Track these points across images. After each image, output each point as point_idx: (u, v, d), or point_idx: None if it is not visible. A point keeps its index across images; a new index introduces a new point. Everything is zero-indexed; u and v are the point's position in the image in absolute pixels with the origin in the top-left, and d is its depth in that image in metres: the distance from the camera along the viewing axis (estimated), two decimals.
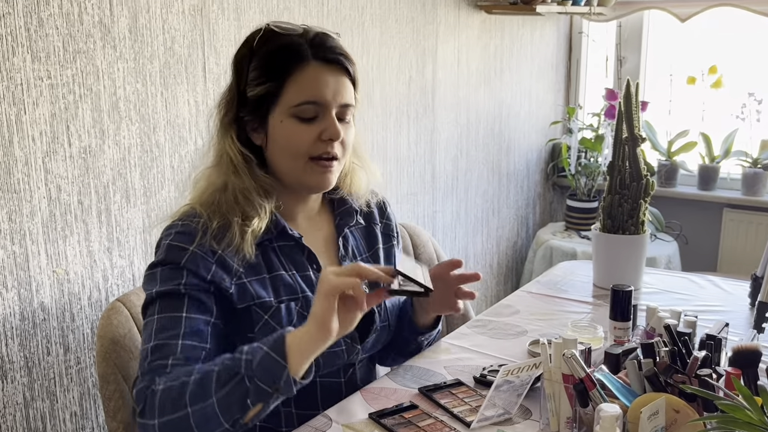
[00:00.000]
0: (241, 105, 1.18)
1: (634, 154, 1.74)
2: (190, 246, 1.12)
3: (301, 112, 1.15)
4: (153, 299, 1.12)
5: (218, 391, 1.00)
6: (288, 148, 1.16)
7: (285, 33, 1.16)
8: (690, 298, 1.74)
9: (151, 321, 1.11)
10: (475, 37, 2.85)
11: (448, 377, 1.32)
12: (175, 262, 1.12)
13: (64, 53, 1.46)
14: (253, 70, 1.16)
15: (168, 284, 1.11)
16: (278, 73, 1.15)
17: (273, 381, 0.99)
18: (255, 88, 1.16)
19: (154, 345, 1.08)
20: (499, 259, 3.28)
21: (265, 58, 1.15)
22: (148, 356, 1.08)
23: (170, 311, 1.10)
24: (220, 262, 1.13)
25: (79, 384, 1.58)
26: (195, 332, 1.10)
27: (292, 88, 1.14)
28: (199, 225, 1.14)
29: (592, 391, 1.02)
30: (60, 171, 1.49)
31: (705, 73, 3.16)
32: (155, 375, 1.06)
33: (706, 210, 3.31)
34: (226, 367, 1.01)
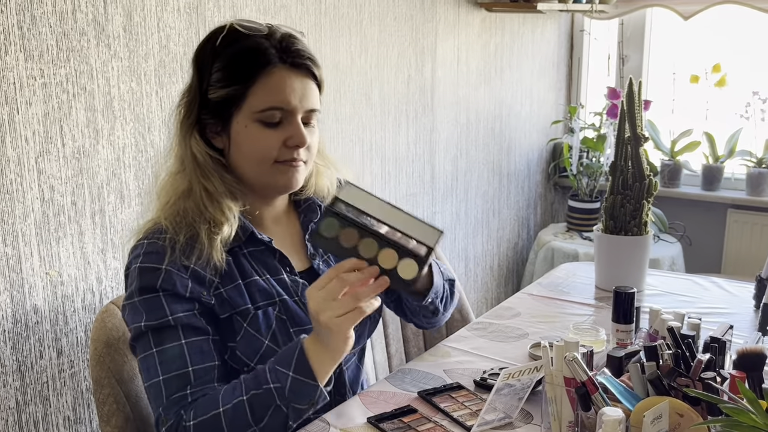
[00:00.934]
0: (202, 107, 1.16)
1: (636, 153, 1.75)
2: (161, 265, 1.12)
3: (267, 118, 1.14)
4: (143, 333, 1.12)
5: (258, 422, 1.05)
6: (253, 154, 1.15)
7: (250, 33, 1.14)
8: (694, 300, 1.74)
9: (151, 355, 1.10)
10: (475, 35, 2.85)
11: (448, 380, 1.32)
12: (150, 286, 1.11)
13: (57, 52, 1.46)
14: (216, 71, 1.14)
15: (154, 316, 1.11)
16: (243, 76, 1.13)
17: (309, 401, 1.06)
18: (218, 91, 1.14)
19: (166, 379, 1.09)
20: (499, 260, 3.28)
21: (230, 60, 1.14)
22: (162, 391, 1.08)
23: (168, 342, 1.10)
24: (194, 277, 1.13)
25: (73, 388, 1.58)
26: (200, 354, 1.11)
27: (258, 92, 1.13)
28: (166, 242, 1.13)
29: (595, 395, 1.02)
30: (53, 171, 1.49)
31: (708, 72, 3.16)
32: (180, 409, 1.07)
33: (710, 211, 3.31)
34: (257, 398, 1.05)
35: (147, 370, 1.11)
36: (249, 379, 1.08)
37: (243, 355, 1.16)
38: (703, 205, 3.31)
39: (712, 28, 3.28)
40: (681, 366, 1.08)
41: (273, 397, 1.05)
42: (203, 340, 1.12)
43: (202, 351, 1.11)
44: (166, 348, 1.10)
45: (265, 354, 1.15)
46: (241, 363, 1.17)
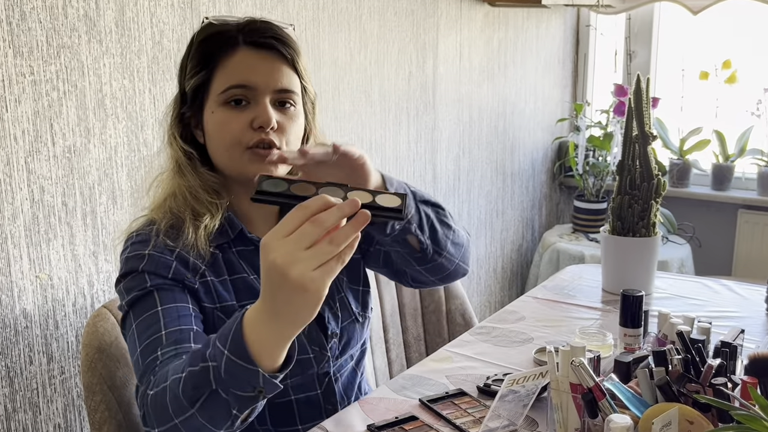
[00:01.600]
0: (183, 102, 1.19)
1: (644, 152, 1.75)
2: (145, 250, 1.13)
3: (229, 97, 1.13)
4: (126, 312, 1.12)
5: (194, 404, 0.89)
6: (220, 139, 1.15)
7: (217, 25, 1.17)
8: (704, 303, 1.74)
9: (132, 333, 1.09)
10: (478, 31, 2.85)
11: (450, 387, 1.32)
12: (133, 269, 1.12)
13: (47, 48, 1.46)
14: (189, 62, 1.17)
15: (134, 291, 1.11)
16: (208, 61, 1.15)
17: (251, 386, 0.86)
18: (190, 81, 1.17)
19: (142, 348, 1.06)
20: (503, 262, 3.28)
21: (198, 48, 1.17)
22: (139, 361, 1.06)
23: (145, 312, 1.09)
24: (180, 259, 1.13)
25: (63, 395, 1.58)
26: (176, 318, 1.08)
27: (221, 74, 1.14)
28: (152, 231, 1.15)
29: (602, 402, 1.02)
30: (43, 171, 1.49)
31: (718, 68, 3.17)
32: (150, 375, 1.01)
33: (721, 211, 3.31)
34: (192, 377, 0.89)
35: (131, 351, 1.09)
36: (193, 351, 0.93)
37: None
38: (713, 205, 3.31)
39: (722, 22, 3.28)
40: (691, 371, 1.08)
41: (208, 380, 0.87)
42: (182, 306, 1.09)
43: (180, 316, 1.08)
44: (144, 318, 1.08)
45: None
46: None
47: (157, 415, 0.94)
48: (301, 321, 0.82)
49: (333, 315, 1.26)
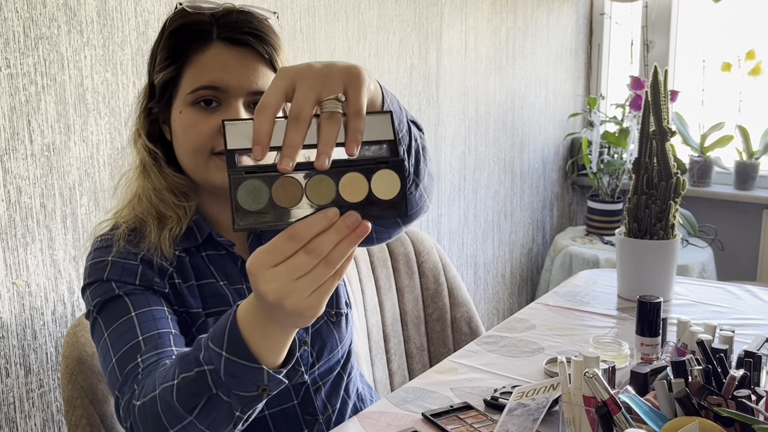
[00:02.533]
0: (151, 96, 1.17)
1: (662, 149, 1.75)
2: (107, 257, 1.13)
3: (198, 98, 1.11)
4: (95, 319, 1.11)
5: (192, 412, 0.89)
6: (187, 142, 1.13)
7: (194, 12, 1.14)
8: (726, 310, 1.74)
9: (104, 342, 1.08)
10: (485, 20, 2.85)
11: (455, 400, 1.32)
12: (98, 278, 1.12)
13: (24, 39, 1.46)
14: (159, 53, 1.15)
15: (101, 297, 1.10)
16: (178, 55, 1.12)
17: (255, 385, 0.86)
18: (159, 74, 1.14)
19: (118, 358, 1.04)
20: (512, 267, 3.28)
21: (168, 40, 1.14)
22: (117, 373, 1.04)
23: (117, 319, 1.08)
24: (145, 262, 1.12)
25: (42, 409, 1.58)
26: (152, 321, 1.07)
27: (191, 72, 1.12)
28: (116, 236, 1.15)
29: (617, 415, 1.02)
30: (20, 171, 1.49)
31: (742, 59, 3.17)
32: (133, 383, 1.00)
33: (744, 212, 3.31)
34: (187, 382, 0.88)
35: (103, 359, 1.09)
36: (182, 356, 0.91)
37: None
38: (737, 205, 3.31)
39: (745, 10, 3.28)
40: (712, 383, 1.07)
41: (207, 384, 0.86)
42: (156, 309, 1.09)
43: (155, 318, 1.07)
44: (116, 326, 1.07)
45: None
46: None
47: (148, 427, 0.93)
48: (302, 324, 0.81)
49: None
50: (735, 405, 1.02)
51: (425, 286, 1.89)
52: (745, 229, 3.32)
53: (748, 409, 1.00)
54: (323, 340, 1.26)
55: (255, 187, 0.75)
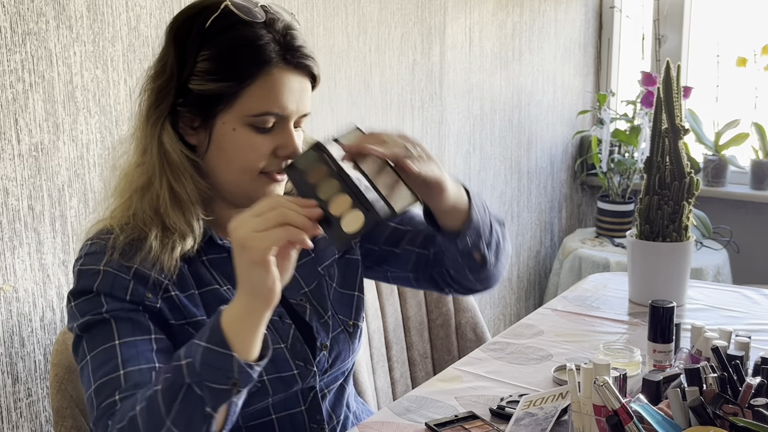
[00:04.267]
0: (179, 94, 1.14)
1: (675, 148, 1.74)
2: (99, 265, 1.12)
3: (260, 123, 1.13)
4: (79, 337, 1.11)
5: (169, 413, 0.96)
6: (238, 161, 1.14)
7: (247, 20, 1.12)
8: (742, 315, 1.74)
9: (85, 364, 1.09)
10: (490, 14, 2.85)
11: (460, 409, 1.32)
12: (87, 288, 1.11)
13: (11, 35, 1.47)
14: (204, 59, 1.12)
15: (88, 314, 1.10)
16: (239, 74, 1.11)
17: (226, 376, 0.95)
18: (205, 84, 1.12)
19: (96, 387, 1.06)
20: (519, 271, 3.28)
21: (223, 52, 1.12)
22: (93, 402, 1.06)
23: (101, 344, 1.09)
24: (137, 277, 1.12)
25: (30, 419, 1.58)
26: (135, 355, 1.08)
27: (254, 94, 1.12)
28: (109, 241, 1.13)
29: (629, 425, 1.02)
30: (7, 171, 1.49)
31: (757, 54, 3.16)
32: (107, 419, 1.03)
33: (761, 213, 3.30)
34: (167, 382, 0.97)
35: (82, 381, 1.09)
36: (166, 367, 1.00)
37: None
38: (753, 206, 3.30)
39: (760, 3, 3.27)
40: (728, 391, 1.07)
41: (183, 376, 0.96)
42: (142, 340, 1.10)
43: (139, 352, 1.08)
44: (98, 352, 1.08)
45: None
46: None
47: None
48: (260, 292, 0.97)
49: (323, 325, 1.26)
50: (752, 414, 1.02)
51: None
52: (761, 231, 3.32)
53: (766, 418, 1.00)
54: (339, 348, 1.28)
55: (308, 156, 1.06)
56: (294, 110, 1.15)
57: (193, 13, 1.14)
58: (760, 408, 1.01)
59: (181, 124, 1.16)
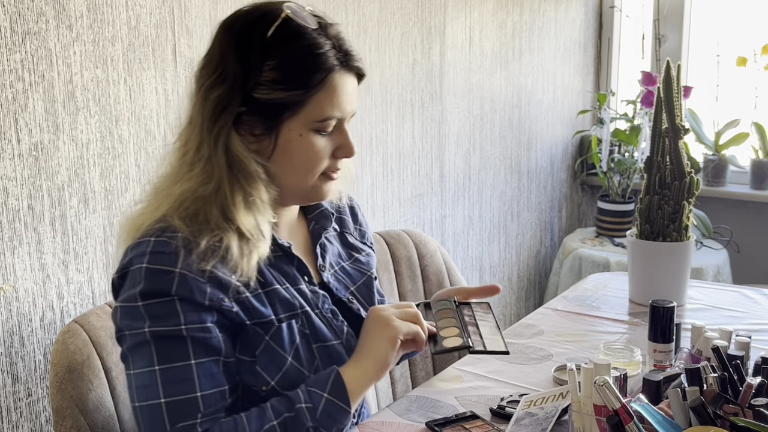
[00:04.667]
0: (243, 102, 1.16)
1: (675, 147, 1.74)
2: (174, 267, 1.11)
3: (324, 127, 1.19)
4: (144, 342, 1.11)
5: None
6: (304, 164, 1.20)
7: (307, 30, 1.16)
8: (742, 315, 1.74)
9: (151, 372, 1.10)
10: (490, 13, 2.85)
11: (460, 409, 1.32)
12: (163, 291, 1.10)
13: (11, 35, 1.47)
14: (270, 69, 1.14)
15: (163, 324, 1.10)
16: (304, 82, 1.15)
17: (338, 427, 1.15)
18: (271, 93, 1.15)
19: (170, 402, 1.09)
20: (519, 270, 3.28)
21: (288, 62, 1.15)
22: (164, 415, 1.09)
23: (175, 360, 1.10)
24: (213, 280, 1.12)
25: (30, 419, 1.58)
26: (209, 377, 1.12)
27: (319, 100, 1.16)
28: (179, 241, 1.12)
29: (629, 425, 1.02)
30: (7, 171, 1.49)
31: (758, 53, 3.16)
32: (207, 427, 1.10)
33: (761, 212, 3.30)
34: (289, 421, 1.13)
35: (143, 388, 1.11)
36: (279, 403, 1.14)
37: (264, 372, 1.17)
38: (753, 206, 3.30)
39: (760, 3, 3.27)
40: (728, 391, 1.07)
41: (306, 419, 1.12)
42: (213, 361, 1.13)
43: (212, 374, 1.13)
44: (173, 367, 1.10)
45: (288, 372, 1.18)
46: (261, 381, 1.18)
47: None
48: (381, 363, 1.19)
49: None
50: (752, 414, 1.02)
51: (429, 290, 1.89)
52: (761, 231, 3.32)
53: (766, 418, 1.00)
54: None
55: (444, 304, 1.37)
56: (350, 111, 1.22)
57: (252, 21, 1.17)
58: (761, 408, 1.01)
59: (242, 131, 1.17)
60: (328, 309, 1.26)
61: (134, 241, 1.16)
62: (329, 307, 1.27)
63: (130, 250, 1.16)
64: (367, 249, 1.43)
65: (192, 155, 1.17)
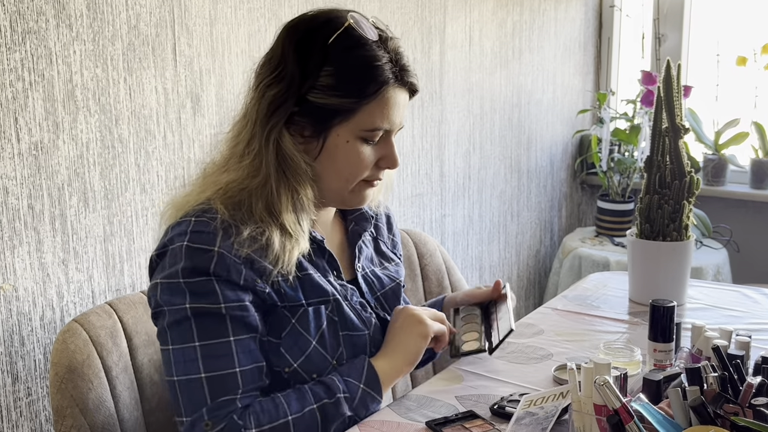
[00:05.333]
0: (297, 102, 1.20)
1: (675, 147, 1.74)
2: (213, 246, 1.15)
3: (371, 137, 1.23)
4: (184, 318, 1.15)
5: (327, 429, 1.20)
6: (347, 170, 1.24)
7: (367, 41, 1.20)
8: (742, 314, 1.74)
9: (191, 348, 1.15)
10: (490, 13, 2.85)
11: (460, 408, 1.32)
12: (201, 268, 1.15)
13: (11, 34, 1.47)
14: (327, 75, 1.19)
15: (203, 301, 1.15)
16: (359, 91, 1.20)
17: (367, 414, 1.24)
18: (326, 98, 1.19)
19: (210, 377, 1.14)
20: (519, 270, 3.28)
21: (346, 70, 1.19)
22: (204, 390, 1.13)
23: (214, 336, 1.15)
24: (248, 263, 1.17)
25: (30, 419, 1.58)
26: (248, 354, 1.17)
27: (371, 110, 1.21)
28: (217, 222, 1.17)
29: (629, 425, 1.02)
30: (7, 170, 1.49)
31: (757, 53, 3.16)
32: (230, 413, 1.13)
33: (761, 212, 3.30)
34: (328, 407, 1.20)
35: (183, 363, 1.15)
36: (318, 388, 1.21)
37: (287, 353, 1.22)
38: (753, 205, 3.30)
39: (760, 2, 3.27)
40: (728, 391, 1.07)
41: (344, 407, 1.20)
42: (251, 338, 1.18)
43: (250, 350, 1.18)
44: (212, 343, 1.15)
45: (311, 356, 1.23)
46: (284, 362, 1.23)
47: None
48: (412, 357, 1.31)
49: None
50: (752, 414, 1.02)
51: (428, 290, 1.89)
52: (761, 230, 3.32)
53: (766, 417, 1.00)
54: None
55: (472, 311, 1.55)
56: (398, 124, 1.27)
57: (316, 26, 1.22)
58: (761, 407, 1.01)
59: (292, 131, 1.22)
60: (357, 301, 1.32)
61: (176, 221, 1.21)
62: (358, 299, 1.32)
63: (170, 229, 1.21)
64: (396, 259, 1.49)
65: (242, 147, 1.22)
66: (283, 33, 1.24)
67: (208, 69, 1.84)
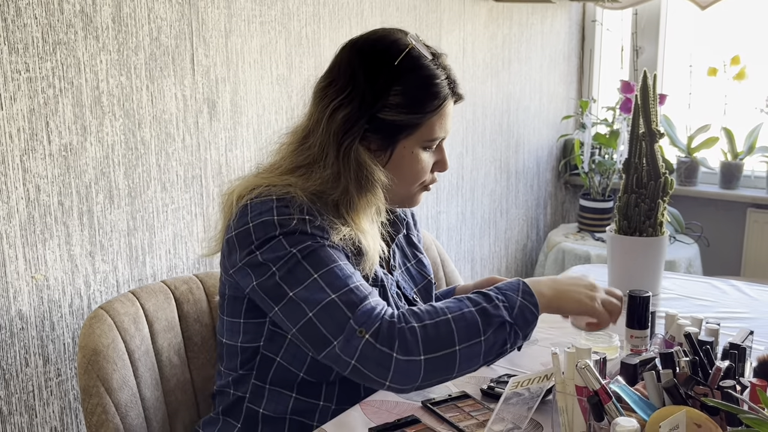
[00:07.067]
0: (368, 119, 1.22)
1: (651, 150, 1.74)
2: (300, 215, 1.16)
3: (431, 146, 1.28)
4: (297, 262, 1.13)
5: (486, 333, 1.12)
6: (411, 177, 1.28)
7: (426, 60, 1.24)
8: (712, 304, 1.74)
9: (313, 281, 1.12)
10: (482, 27, 2.85)
11: (453, 389, 1.32)
12: (296, 230, 1.15)
13: (43, 44, 1.46)
14: (396, 94, 1.21)
15: (305, 243, 1.14)
16: (423, 108, 1.23)
17: (526, 331, 1.16)
18: (395, 115, 1.22)
19: (342, 294, 1.11)
20: (507, 262, 3.28)
21: (412, 89, 1.22)
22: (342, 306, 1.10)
23: (327, 264, 1.14)
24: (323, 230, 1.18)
25: (60, 397, 1.58)
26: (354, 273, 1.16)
27: (433, 123, 1.25)
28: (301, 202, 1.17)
29: (608, 404, 1.02)
30: (39, 170, 1.49)
31: (727, 64, 3.16)
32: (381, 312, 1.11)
33: (729, 210, 3.30)
34: (488, 312, 1.13)
35: (312, 297, 1.12)
36: (476, 296, 1.16)
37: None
38: (722, 204, 3.30)
39: (730, 17, 3.27)
40: (699, 374, 1.07)
41: (503, 313, 1.13)
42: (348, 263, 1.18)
43: (354, 272, 1.17)
44: (328, 269, 1.13)
45: None
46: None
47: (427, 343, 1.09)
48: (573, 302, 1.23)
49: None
50: (721, 395, 1.02)
51: None
52: (729, 227, 3.32)
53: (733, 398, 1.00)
54: None
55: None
56: (449, 132, 1.31)
57: (382, 49, 1.24)
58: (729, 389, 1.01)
59: (362, 145, 1.23)
60: (395, 292, 1.33)
61: (256, 200, 1.19)
62: (395, 290, 1.33)
63: (250, 208, 1.19)
64: (418, 256, 1.49)
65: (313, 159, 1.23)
66: (346, 54, 1.25)
67: (223, 77, 1.84)
